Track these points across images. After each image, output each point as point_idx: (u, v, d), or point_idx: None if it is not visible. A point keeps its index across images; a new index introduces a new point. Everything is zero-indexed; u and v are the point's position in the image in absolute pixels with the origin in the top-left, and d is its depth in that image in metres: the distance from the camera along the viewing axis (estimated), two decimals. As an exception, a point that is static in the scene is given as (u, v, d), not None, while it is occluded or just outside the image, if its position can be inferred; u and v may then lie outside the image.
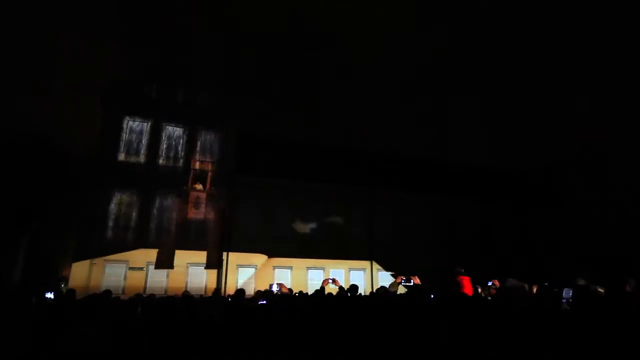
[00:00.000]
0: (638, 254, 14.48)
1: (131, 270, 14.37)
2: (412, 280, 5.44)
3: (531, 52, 17.68)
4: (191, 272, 15.08)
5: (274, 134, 17.63)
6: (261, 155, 16.75)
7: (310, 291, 7.67)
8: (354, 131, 17.98)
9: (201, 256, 14.82)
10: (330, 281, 6.16)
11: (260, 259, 16.41)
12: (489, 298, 6.30)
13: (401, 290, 5.75)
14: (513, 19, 16.71)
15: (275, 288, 6.63)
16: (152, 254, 14.35)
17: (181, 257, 14.64)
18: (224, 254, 15.02)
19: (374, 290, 6.30)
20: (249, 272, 16.06)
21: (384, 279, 17.17)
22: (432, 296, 4.96)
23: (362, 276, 17.42)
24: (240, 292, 6.42)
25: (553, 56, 17.63)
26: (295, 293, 7.89)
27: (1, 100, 13.28)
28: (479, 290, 6.81)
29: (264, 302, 5.91)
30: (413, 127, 18.49)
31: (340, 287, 5.84)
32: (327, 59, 16.88)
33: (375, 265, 17.63)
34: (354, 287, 6.05)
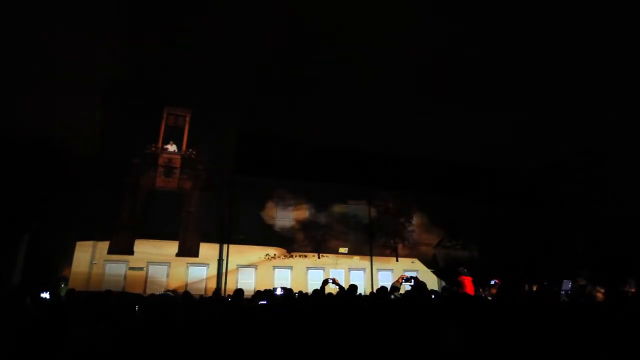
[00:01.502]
0: (638, 254, 14.47)
1: (131, 270, 14.37)
2: (412, 280, 5.42)
3: (530, 52, 17.70)
4: (191, 271, 15.08)
5: (274, 133, 17.60)
6: (261, 155, 16.74)
7: (310, 291, 7.65)
8: (353, 131, 17.96)
9: (200, 255, 14.80)
10: (330, 281, 6.14)
11: (262, 252, 16.35)
12: (489, 298, 6.30)
13: (403, 289, 5.74)
14: (512, 18, 16.73)
15: (279, 291, 6.58)
16: (152, 254, 14.35)
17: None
18: (224, 253, 14.98)
19: (374, 291, 6.29)
20: (249, 272, 16.05)
21: (384, 278, 17.19)
22: (432, 296, 4.96)
23: (362, 276, 17.42)
24: (239, 292, 6.41)
25: (552, 56, 17.64)
26: (295, 293, 7.87)
27: (1, 100, 13.28)
28: (480, 290, 6.83)
29: (264, 302, 5.90)
30: (413, 127, 18.46)
31: (340, 287, 5.83)
32: (327, 59, 16.89)
33: (375, 265, 17.64)
34: (353, 287, 6.04)
